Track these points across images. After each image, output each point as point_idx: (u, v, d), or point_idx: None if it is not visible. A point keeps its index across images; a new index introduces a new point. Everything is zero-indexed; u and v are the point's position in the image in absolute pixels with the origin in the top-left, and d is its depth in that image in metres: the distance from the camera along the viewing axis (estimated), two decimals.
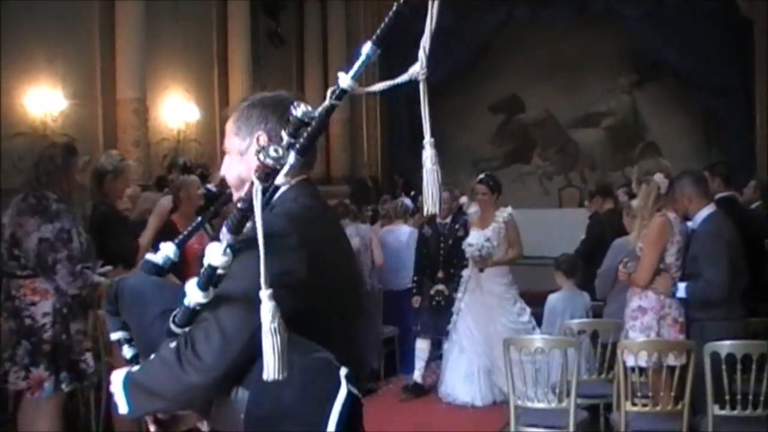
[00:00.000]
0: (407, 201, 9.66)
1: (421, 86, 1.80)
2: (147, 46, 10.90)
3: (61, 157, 4.77)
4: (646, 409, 4.89)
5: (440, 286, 7.73)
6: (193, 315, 1.81)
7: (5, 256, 4.69)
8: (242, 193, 1.92)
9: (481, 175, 7.65)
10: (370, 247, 8.21)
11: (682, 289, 5.17)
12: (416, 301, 7.91)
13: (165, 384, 1.78)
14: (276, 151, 1.70)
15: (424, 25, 1.71)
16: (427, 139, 1.82)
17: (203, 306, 1.79)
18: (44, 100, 9.56)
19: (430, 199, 1.76)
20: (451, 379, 7.51)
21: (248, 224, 1.77)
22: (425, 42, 1.75)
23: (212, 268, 1.76)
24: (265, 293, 1.66)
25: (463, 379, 7.42)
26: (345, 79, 1.79)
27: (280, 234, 1.80)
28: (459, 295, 7.51)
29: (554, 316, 6.44)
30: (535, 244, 10.33)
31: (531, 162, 17.02)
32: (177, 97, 12.00)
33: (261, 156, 1.69)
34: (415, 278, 8.00)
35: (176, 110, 11.94)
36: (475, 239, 7.27)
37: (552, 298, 6.59)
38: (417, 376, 7.85)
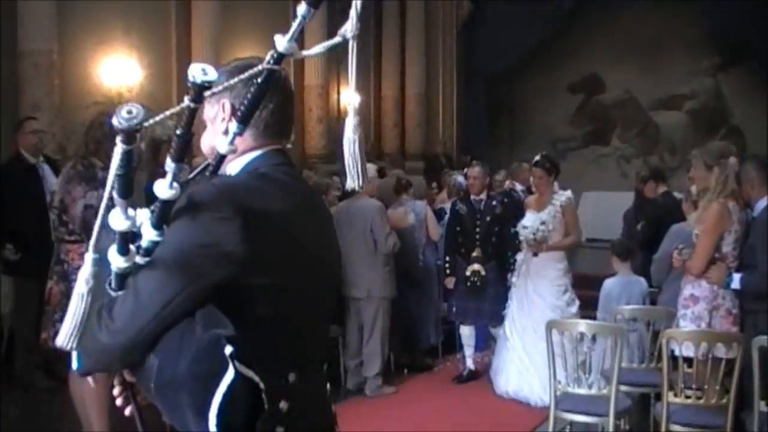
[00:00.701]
0: (459, 178, 9.60)
1: (351, 45, 1.76)
2: (224, 20, 11.01)
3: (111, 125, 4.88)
4: (689, 401, 4.76)
5: (476, 266, 7.39)
6: (123, 279, 1.79)
7: (56, 221, 4.85)
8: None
9: (537, 157, 7.27)
10: (424, 223, 8.03)
11: (736, 280, 5.02)
12: (450, 282, 7.60)
13: (88, 342, 1.76)
14: (129, 112, 1.65)
15: None
16: (351, 105, 1.78)
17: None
18: (120, 71, 9.77)
19: (350, 172, 1.72)
20: (502, 371, 7.20)
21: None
22: (357, 3, 1.73)
23: (162, 203, 1.76)
24: (89, 257, 1.67)
25: (513, 372, 7.09)
26: (281, 42, 1.76)
27: (208, 204, 1.75)
28: (513, 279, 7.26)
29: (609, 301, 6.33)
30: (609, 227, 10.12)
31: (610, 144, 16.63)
32: None
33: (115, 120, 1.65)
34: (447, 258, 7.65)
35: None
36: (529, 221, 7.01)
37: (608, 283, 6.49)
38: (470, 363, 7.68)
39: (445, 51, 16.02)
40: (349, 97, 1.80)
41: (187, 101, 1.72)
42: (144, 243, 1.78)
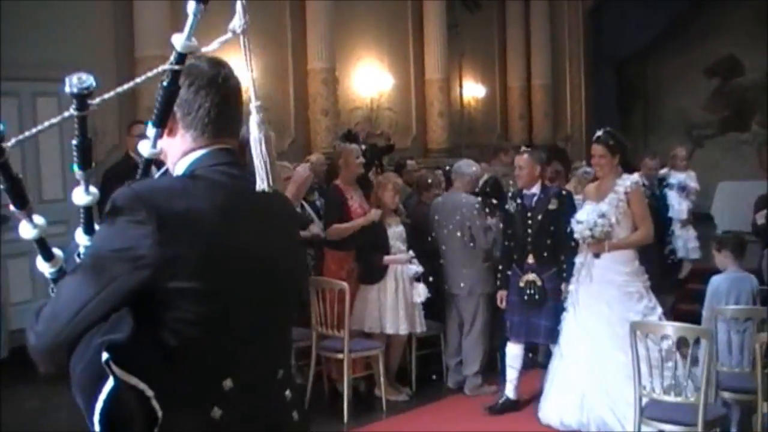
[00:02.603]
0: (588, 168, 9.23)
1: (242, 39, 1.76)
2: (340, 17, 11.13)
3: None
4: None
5: (531, 276, 6.23)
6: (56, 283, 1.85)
7: None
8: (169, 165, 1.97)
9: (599, 132, 6.03)
10: None
11: None
12: (500, 298, 6.46)
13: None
14: (79, 78, 1.69)
15: None
16: (254, 103, 1.75)
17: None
18: (236, 73, 9.98)
19: (258, 172, 1.71)
20: (552, 397, 5.99)
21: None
22: None
23: (84, 209, 1.82)
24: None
25: (567, 399, 5.85)
26: (178, 42, 1.76)
27: (123, 209, 1.74)
28: (571, 287, 5.99)
29: (717, 299, 5.88)
30: (746, 220, 9.51)
31: (749, 130, 15.65)
32: (371, 67, 12.17)
33: (67, 86, 1.69)
34: (500, 267, 6.55)
35: (369, 79, 12.12)
36: (585, 215, 5.79)
37: (716, 280, 6.01)
38: (509, 390, 6.42)
39: (572, 38, 15.64)
40: (251, 93, 1.75)
41: (72, 111, 1.71)
42: (81, 249, 1.85)
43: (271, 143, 1.75)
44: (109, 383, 1.70)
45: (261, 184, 1.74)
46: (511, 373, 6.39)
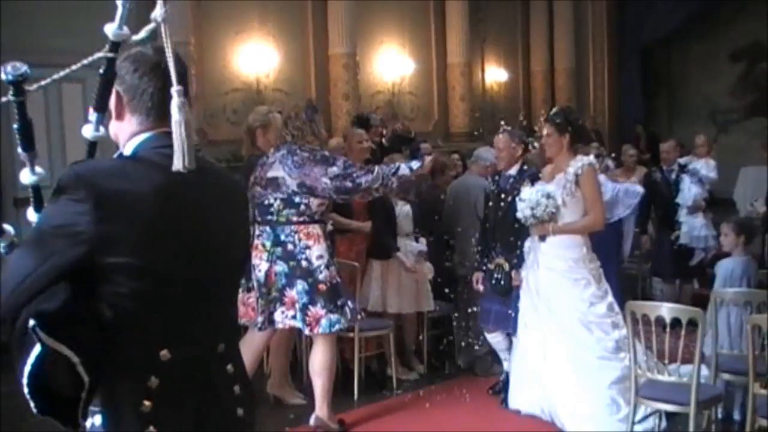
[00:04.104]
0: (608, 161, 9.27)
1: (163, 28, 1.83)
2: (361, 3, 11.25)
3: (306, 113, 5.51)
4: None
5: (499, 259, 6.00)
6: None
7: (280, 205, 5.35)
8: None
9: (553, 110, 5.87)
10: None
11: None
12: (476, 279, 6.26)
13: None
14: (14, 66, 1.88)
15: None
16: (175, 87, 1.84)
17: None
18: (257, 59, 10.18)
19: (176, 153, 1.79)
20: (513, 382, 5.93)
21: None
22: None
23: (32, 189, 2.00)
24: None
25: (524, 384, 5.78)
26: (110, 31, 1.88)
27: (66, 188, 1.87)
28: (523, 273, 5.79)
29: (731, 282, 5.88)
30: None
31: None
32: (392, 51, 12.28)
33: (3, 75, 1.89)
34: (479, 248, 6.35)
35: (391, 64, 12.22)
36: (529, 193, 5.54)
37: (727, 263, 6.02)
38: (508, 367, 6.26)
39: (596, 22, 15.57)
40: (172, 78, 1.86)
41: (9, 97, 1.90)
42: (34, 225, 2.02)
43: (191, 126, 1.86)
44: (36, 349, 1.81)
45: (177, 163, 1.82)
46: (503, 354, 6.24)
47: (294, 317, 5.33)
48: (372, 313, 6.74)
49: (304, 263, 5.31)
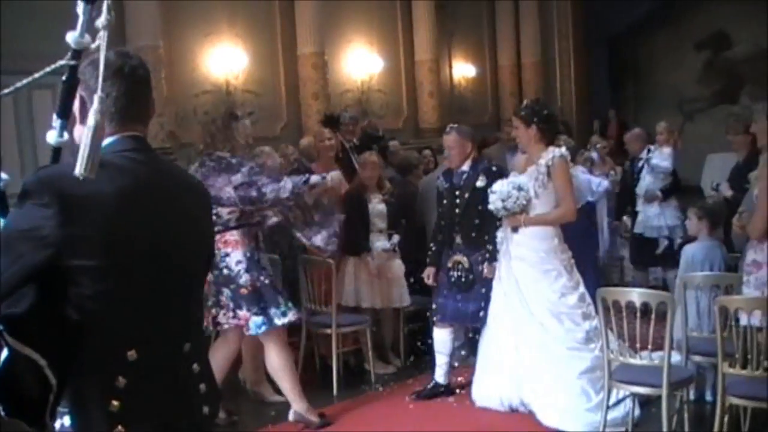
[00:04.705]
0: (593, 154, 9.43)
1: (102, 34, 1.88)
2: (328, 2, 11.29)
3: (221, 119, 5.52)
4: (744, 372, 4.59)
5: (458, 256, 6.03)
6: None
7: None
8: None
9: (524, 102, 5.93)
10: None
11: None
12: (428, 275, 6.30)
13: None
14: None
15: None
16: (98, 93, 1.87)
17: None
18: (227, 61, 10.19)
19: (81, 158, 1.81)
20: (485, 377, 5.88)
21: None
22: None
23: None
24: None
25: (498, 378, 5.77)
26: (71, 39, 1.91)
27: (30, 192, 1.91)
28: (497, 264, 5.84)
29: (693, 267, 6.05)
30: None
31: (738, 102, 15.73)
32: (360, 50, 12.32)
33: None
34: (432, 245, 6.40)
35: (359, 62, 12.27)
36: (500, 185, 5.60)
37: (689, 249, 6.19)
38: (439, 375, 6.26)
39: (561, 15, 15.67)
40: (98, 84, 1.89)
41: None
42: None
43: (102, 133, 1.88)
44: (4, 352, 1.85)
45: (79, 169, 1.83)
46: (440, 359, 6.20)
47: (234, 317, 5.48)
48: (350, 309, 6.83)
49: (225, 271, 5.46)
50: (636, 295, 4.95)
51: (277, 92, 11.02)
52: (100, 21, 1.89)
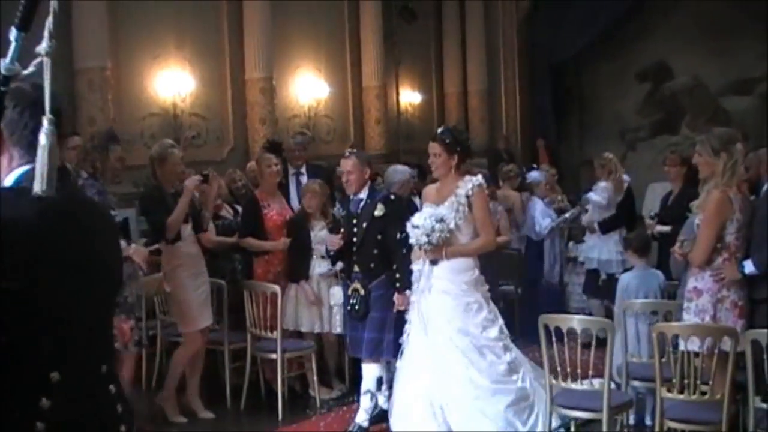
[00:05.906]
0: (535, 174, 9.59)
1: (45, 61, 1.89)
2: (277, 27, 11.35)
3: (98, 139, 5.48)
4: (681, 397, 4.72)
5: (356, 284, 5.94)
6: None
7: None
8: None
9: (439, 129, 5.74)
10: None
11: (749, 264, 4.92)
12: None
13: None
14: None
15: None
16: (46, 116, 1.90)
17: None
18: (174, 83, 10.17)
19: (38, 177, 1.85)
20: (401, 409, 5.62)
21: None
22: (49, 22, 1.88)
23: None
24: None
25: (415, 411, 5.50)
26: (1, 66, 1.91)
27: None
28: (413, 297, 5.62)
29: (627, 295, 6.19)
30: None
31: (679, 132, 16.15)
32: (308, 75, 12.39)
33: None
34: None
35: (307, 88, 12.33)
36: (422, 219, 5.35)
37: (625, 277, 6.36)
38: (361, 417, 6.02)
39: (506, 44, 15.96)
40: (45, 107, 1.91)
41: None
42: None
43: (56, 153, 1.90)
44: None
45: (37, 187, 1.86)
46: (365, 401, 6.01)
47: None
48: (294, 333, 6.84)
49: None
50: (576, 322, 5.05)
51: (225, 116, 11.02)
52: (42, 47, 1.89)
